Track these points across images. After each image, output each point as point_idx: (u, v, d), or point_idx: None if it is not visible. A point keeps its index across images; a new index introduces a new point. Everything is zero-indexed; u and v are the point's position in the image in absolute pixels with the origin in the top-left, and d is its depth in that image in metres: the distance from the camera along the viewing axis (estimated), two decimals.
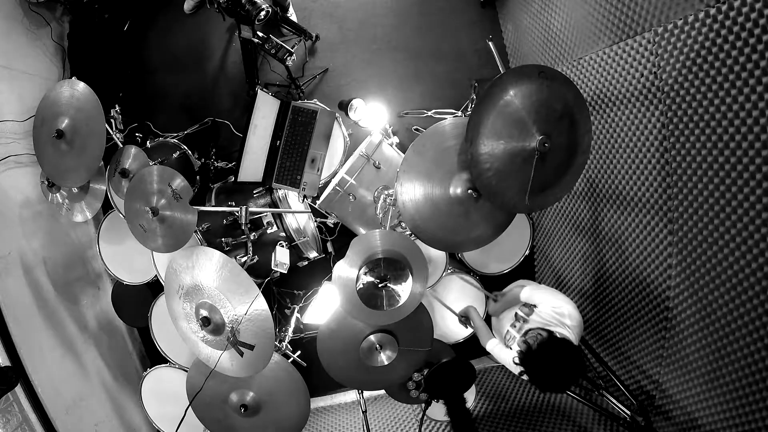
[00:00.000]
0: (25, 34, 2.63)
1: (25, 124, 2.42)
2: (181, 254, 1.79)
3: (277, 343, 2.22)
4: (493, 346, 1.95)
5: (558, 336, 1.63)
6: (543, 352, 1.58)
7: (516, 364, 1.68)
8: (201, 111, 2.93)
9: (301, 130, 2.32)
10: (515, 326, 1.93)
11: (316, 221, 2.66)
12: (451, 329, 2.50)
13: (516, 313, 1.95)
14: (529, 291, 1.89)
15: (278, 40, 2.33)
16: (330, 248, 2.76)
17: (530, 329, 1.76)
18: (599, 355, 2.34)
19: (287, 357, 2.24)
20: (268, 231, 2.17)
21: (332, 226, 2.66)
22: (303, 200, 2.36)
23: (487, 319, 2.22)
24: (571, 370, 1.60)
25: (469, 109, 2.64)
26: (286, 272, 1.96)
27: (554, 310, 1.73)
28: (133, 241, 2.06)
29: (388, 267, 1.74)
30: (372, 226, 2.25)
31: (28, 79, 2.60)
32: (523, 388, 2.65)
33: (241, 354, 1.74)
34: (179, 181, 1.88)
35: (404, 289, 1.76)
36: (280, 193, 2.33)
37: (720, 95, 1.45)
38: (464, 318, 2.17)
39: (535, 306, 1.85)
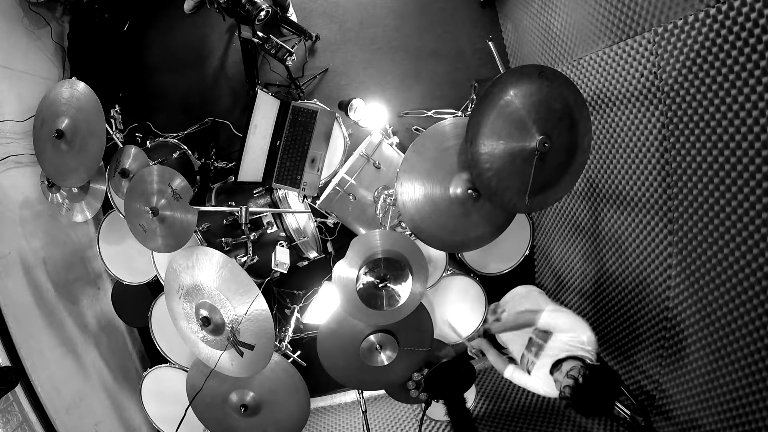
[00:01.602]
0: (25, 34, 2.62)
1: (25, 124, 2.42)
2: (181, 254, 1.79)
3: (277, 343, 2.22)
4: (511, 372, 1.94)
5: (593, 365, 1.64)
6: (591, 385, 1.58)
7: (564, 398, 1.66)
8: (201, 111, 2.93)
9: (301, 130, 2.32)
10: (531, 350, 1.89)
11: (316, 221, 2.66)
12: (450, 330, 2.50)
13: (531, 338, 1.91)
14: (546, 317, 1.84)
15: (278, 40, 2.32)
16: (330, 248, 2.76)
17: (562, 359, 1.71)
18: (599, 355, 2.34)
19: (287, 357, 2.24)
20: (268, 231, 2.17)
21: (332, 226, 2.66)
22: (303, 200, 2.36)
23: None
24: (614, 394, 1.63)
25: (469, 109, 2.64)
26: (286, 272, 1.96)
27: (575, 339, 1.73)
28: (133, 241, 2.06)
29: (388, 267, 1.74)
30: (372, 226, 2.25)
31: (28, 79, 2.59)
32: (522, 388, 2.65)
33: (241, 354, 1.74)
34: (179, 181, 1.88)
35: (404, 289, 1.76)
36: (280, 193, 2.33)
37: (720, 95, 1.45)
38: (477, 352, 2.16)
39: (551, 332, 1.82)
